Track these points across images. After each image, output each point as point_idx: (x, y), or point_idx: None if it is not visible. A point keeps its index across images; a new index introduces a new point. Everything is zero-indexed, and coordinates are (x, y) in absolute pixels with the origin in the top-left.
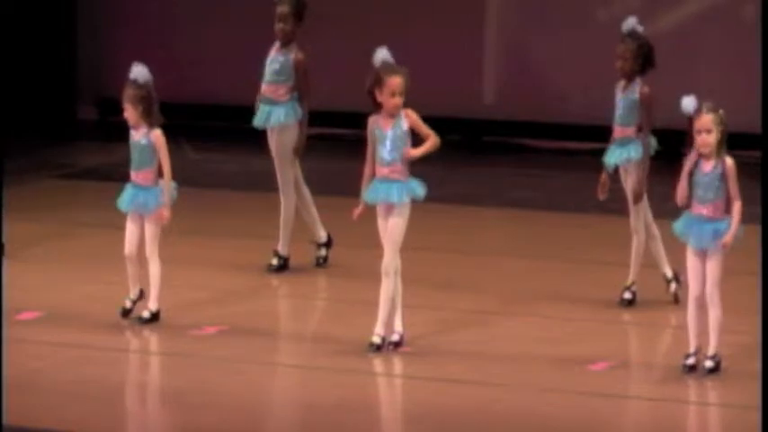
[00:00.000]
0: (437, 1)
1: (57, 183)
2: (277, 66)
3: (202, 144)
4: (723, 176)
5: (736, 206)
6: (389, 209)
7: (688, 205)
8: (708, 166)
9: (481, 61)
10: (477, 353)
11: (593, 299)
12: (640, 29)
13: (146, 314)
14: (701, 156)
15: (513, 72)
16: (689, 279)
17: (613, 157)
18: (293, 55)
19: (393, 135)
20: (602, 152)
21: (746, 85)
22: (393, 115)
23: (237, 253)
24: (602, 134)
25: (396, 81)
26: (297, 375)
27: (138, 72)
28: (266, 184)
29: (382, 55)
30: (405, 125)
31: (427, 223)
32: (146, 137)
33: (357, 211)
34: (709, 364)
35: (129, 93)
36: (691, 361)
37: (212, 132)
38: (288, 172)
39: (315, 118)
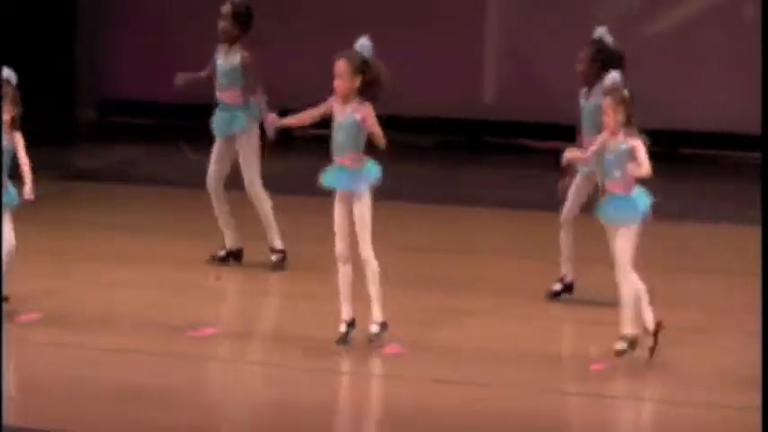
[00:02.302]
0: (438, 2)
1: (56, 184)
2: (227, 70)
3: (201, 145)
4: (628, 154)
5: (644, 165)
6: (349, 197)
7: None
8: (612, 145)
9: (481, 61)
10: (475, 352)
11: (593, 299)
12: (608, 38)
13: None
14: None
15: (513, 72)
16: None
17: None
18: (239, 56)
19: (345, 123)
20: None
21: (746, 86)
22: (345, 101)
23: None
24: None
25: (335, 64)
26: (292, 376)
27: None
28: (265, 184)
29: (360, 43)
30: (357, 116)
31: (427, 223)
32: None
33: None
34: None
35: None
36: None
37: (211, 133)
38: (257, 174)
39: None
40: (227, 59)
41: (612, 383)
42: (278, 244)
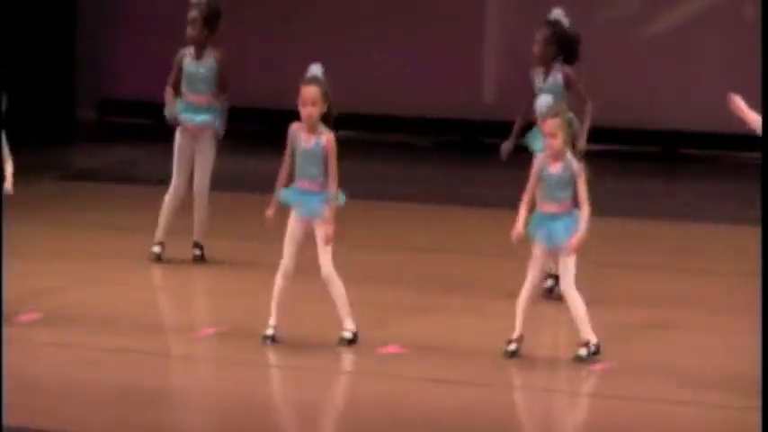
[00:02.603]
0: (437, 2)
1: (56, 184)
2: (205, 74)
3: None
4: (572, 178)
5: (585, 210)
6: (310, 219)
7: (533, 206)
8: (556, 168)
9: (481, 61)
10: (475, 352)
11: (592, 299)
12: (565, 20)
13: None
14: (548, 157)
15: (513, 72)
16: (531, 270)
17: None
18: (214, 57)
19: (315, 150)
20: (602, 153)
21: (746, 86)
22: (313, 130)
23: (235, 254)
24: (603, 135)
25: (307, 91)
26: (294, 376)
27: None
28: (262, 184)
29: (314, 70)
30: (323, 142)
31: (426, 224)
32: None
33: (270, 212)
34: (582, 351)
35: None
36: (512, 347)
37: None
38: (210, 176)
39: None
40: (202, 64)
41: (612, 383)
42: (200, 240)
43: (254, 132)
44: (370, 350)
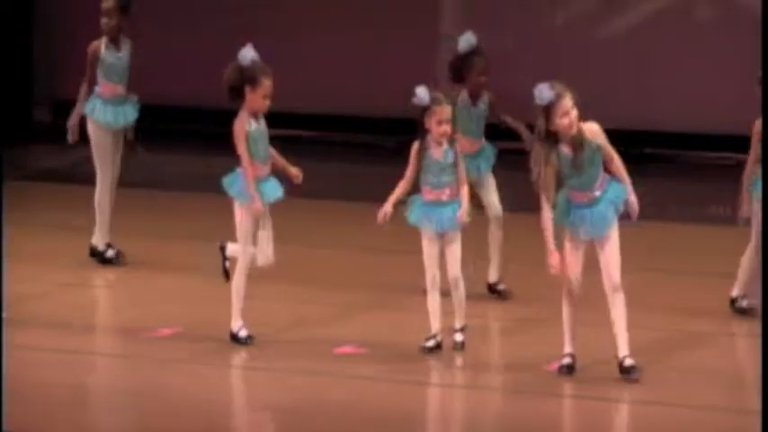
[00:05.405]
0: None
1: (11, 185)
2: (125, 64)
3: (155, 146)
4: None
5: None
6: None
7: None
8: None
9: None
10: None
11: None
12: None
13: None
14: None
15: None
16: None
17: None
18: (129, 46)
19: (263, 133)
20: None
21: (744, 87)
22: (259, 114)
23: (190, 255)
24: None
25: (270, 83)
26: (253, 377)
27: None
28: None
29: (251, 54)
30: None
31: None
32: None
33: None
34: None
35: None
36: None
37: (166, 134)
38: None
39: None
40: (121, 54)
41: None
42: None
43: (212, 133)
44: (325, 350)
